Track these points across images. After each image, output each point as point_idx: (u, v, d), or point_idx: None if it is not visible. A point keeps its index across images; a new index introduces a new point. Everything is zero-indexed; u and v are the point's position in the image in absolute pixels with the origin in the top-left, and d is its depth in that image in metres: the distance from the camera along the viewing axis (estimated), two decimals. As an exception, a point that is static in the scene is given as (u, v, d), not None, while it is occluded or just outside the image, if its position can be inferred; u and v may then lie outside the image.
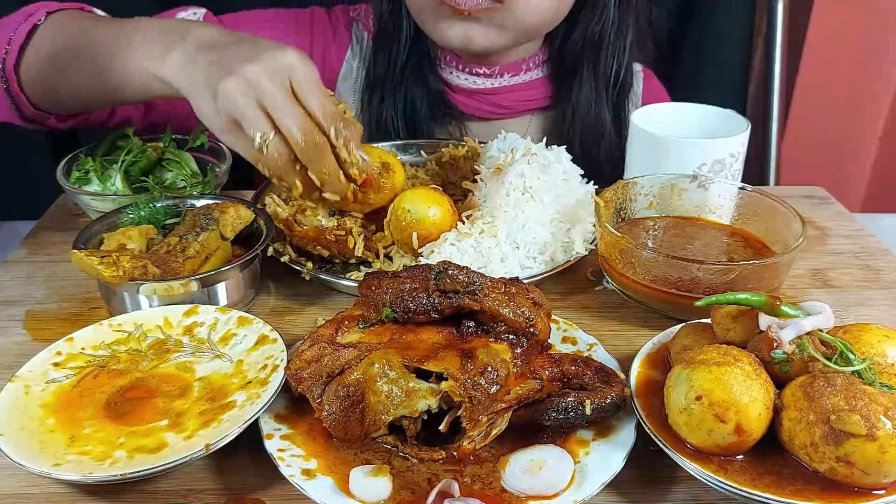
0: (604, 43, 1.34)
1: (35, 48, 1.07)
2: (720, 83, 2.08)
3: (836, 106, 2.22)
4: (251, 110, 0.86)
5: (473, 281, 0.77)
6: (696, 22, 2.03)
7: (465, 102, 1.38)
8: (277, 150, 0.88)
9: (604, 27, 1.33)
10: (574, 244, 1.04)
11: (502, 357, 0.74)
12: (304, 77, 0.88)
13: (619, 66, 1.38)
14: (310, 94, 0.89)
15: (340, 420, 0.72)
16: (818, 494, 0.64)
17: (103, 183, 1.13)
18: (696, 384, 0.67)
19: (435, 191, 1.03)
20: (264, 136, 0.87)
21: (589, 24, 1.33)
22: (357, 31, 1.41)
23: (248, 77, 0.86)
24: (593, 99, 1.37)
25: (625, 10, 1.34)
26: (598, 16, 1.32)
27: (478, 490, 0.70)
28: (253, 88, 0.86)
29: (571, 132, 1.38)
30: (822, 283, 1.07)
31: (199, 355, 0.84)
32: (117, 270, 0.88)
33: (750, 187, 1.06)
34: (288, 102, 0.87)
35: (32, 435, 0.72)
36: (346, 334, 0.79)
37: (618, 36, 1.35)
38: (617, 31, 1.35)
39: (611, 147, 1.39)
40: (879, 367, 0.71)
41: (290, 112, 0.87)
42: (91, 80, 1.04)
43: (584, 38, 1.34)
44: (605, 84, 1.38)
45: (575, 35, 1.34)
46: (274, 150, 0.88)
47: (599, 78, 1.37)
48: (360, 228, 1.03)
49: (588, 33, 1.33)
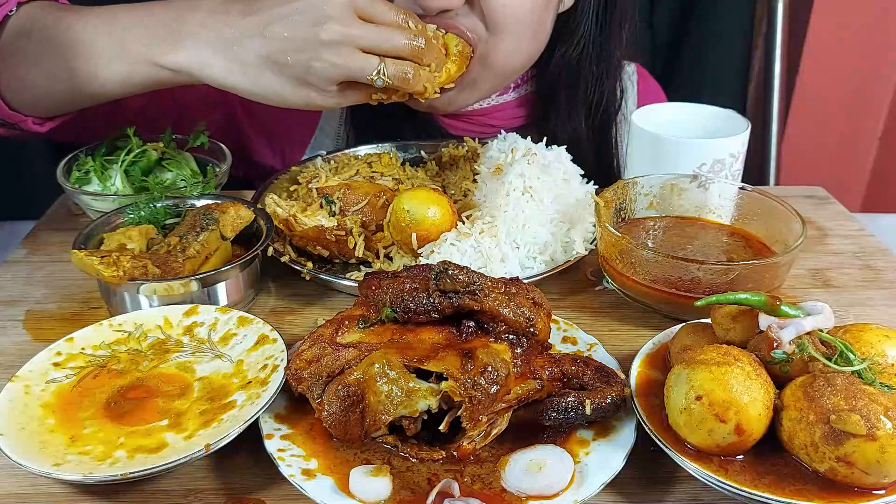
0: (582, 71, 1.30)
1: (9, 42, 1.02)
2: (720, 83, 2.08)
3: (836, 106, 2.22)
4: (355, 62, 0.92)
5: (473, 281, 0.77)
6: (696, 22, 2.03)
7: (453, 125, 1.37)
8: (397, 66, 0.95)
9: (582, 54, 1.28)
10: (574, 244, 1.04)
11: (502, 357, 0.74)
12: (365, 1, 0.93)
13: (603, 92, 1.34)
14: (381, 10, 0.94)
15: (340, 420, 0.72)
16: (818, 494, 0.64)
17: (103, 183, 1.13)
18: (696, 384, 0.67)
19: (434, 191, 1.03)
20: (377, 70, 0.94)
21: (565, 53, 1.29)
22: None
23: (330, 39, 0.90)
24: (569, 124, 1.34)
25: (606, 38, 1.29)
26: (574, 45, 1.28)
27: (478, 490, 0.70)
28: (341, 44, 0.91)
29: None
30: (822, 283, 1.07)
31: (199, 355, 0.84)
32: (117, 270, 0.88)
33: (750, 187, 1.06)
34: (374, 30, 0.93)
35: (33, 435, 0.72)
36: (346, 334, 0.79)
37: (597, 62, 1.30)
38: (597, 58, 1.30)
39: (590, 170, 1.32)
40: (879, 367, 0.71)
41: (382, 35, 0.93)
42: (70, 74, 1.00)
43: (559, 65, 1.30)
44: (587, 109, 1.34)
45: (553, 62, 1.30)
46: (395, 68, 0.95)
47: (577, 104, 1.33)
48: (360, 228, 1.03)
49: (563, 61, 1.29)
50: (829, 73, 2.16)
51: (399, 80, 0.96)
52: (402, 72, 0.96)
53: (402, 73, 0.96)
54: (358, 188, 1.06)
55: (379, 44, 0.93)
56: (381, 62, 0.94)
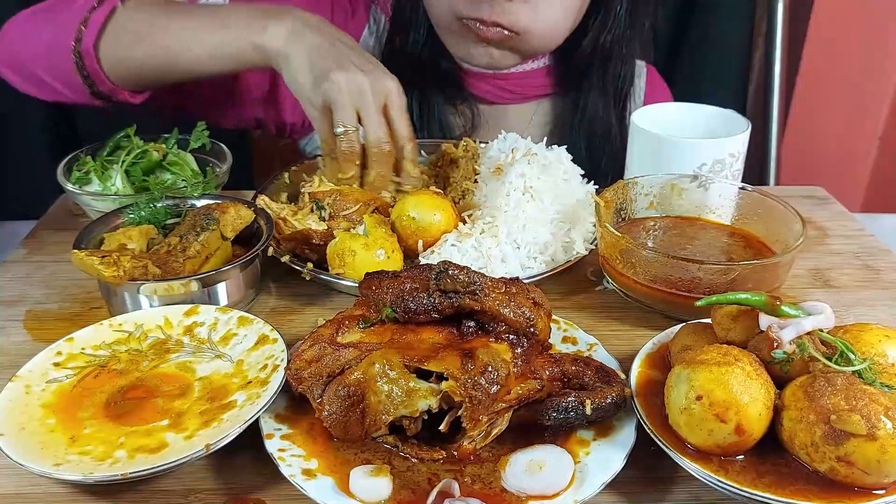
0: (614, 52, 1.39)
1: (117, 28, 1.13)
2: (720, 83, 2.08)
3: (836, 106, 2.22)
4: (348, 107, 1.05)
5: (474, 281, 0.77)
6: (696, 22, 2.03)
7: (476, 85, 1.42)
8: (355, 143, 1.07)
9: (615, 37, 1.37)
10: (574, 244, 1.04)
11: (502, 357, 0.74)
12: (399, 104, 1.08)
13: (627, 73, 1.43)
14: (399, 118, 1.08)
15: (340, 420, 0.72)
16: (818, 494, 0.64)
17: (104, 183, 1.13)
18: (696, 384, 0.67)
19: (437, 195, 1.04)
20: (347, 128, 1.05)
21: (600, 34, 1.37)
22: (375, 12, 1.46)
23: (358, 82, 1.04)
24: (601, 105, 1.42)
25: (635, 19, 1.38)
26: (609, 26, 1.36)
27: (478, 490, 0.70)
28: (358, 92, 1.04)
29: (578, 133, 1.42)
30: (822, 283, 1.07)
31: (199, 355, 0.84)
32: (118, 270, 0.88)
33: (750, 187, 1.06)
34: (379, 117, 1.06)
35: (33, 435, 0.72)
36: (347, 334, 0.79)
37: (627, 46, 1.40)
38: (627, 42, 1.39)
39: (615, 148, 1.42)
40: (879, 367, 0.71)
41: (378, 122, 1.06)
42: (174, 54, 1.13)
43: (594, 47, 1.38)
44: (613, 90, 1.43)
45: (585, 43, 1.38)
46: (351, 141, 1.06)
47: (608, 85, 1.42)
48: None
49: (599, 43, 1.38)
50: (829, 73, 2.16)
51: (342, 152, 1.07)
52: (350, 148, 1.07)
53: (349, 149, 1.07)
54: (349, 195, 1.06)
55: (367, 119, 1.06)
56: (355, 128, 1.06)
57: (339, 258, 0.96)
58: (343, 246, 0.96)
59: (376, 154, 1.07)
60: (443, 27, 1.35)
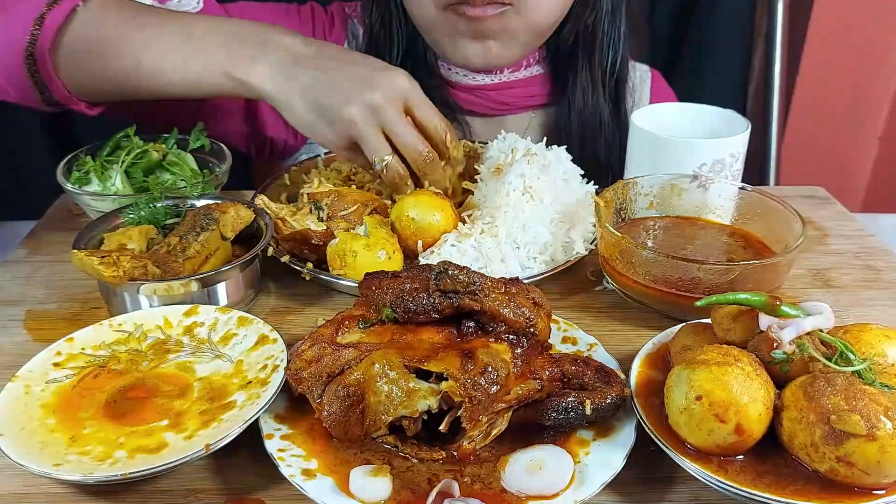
0: (598, 34, 1.35)
1: (77, 33, 1.04)
2: (720, 83, 2.08)
3: (836, 106, 2.22)
4: (373, 136, 0.99)
5: (473, 281, 0.77)
6: (696, 22, 2.03)
7: (465, 99, 1.39)
8: (398, 169, 1.02)
9: (597, 18, 1.34)
10: (574, 244, 1.04)
11: (502, 357, 0.74)
12: (420, 99, 1.01)
13: (615, 56, 1.39)
14: (427, 115, 1.02)
15: (340, 420, 0.72)
16: (818, 494, 0.64)
17: (103, 183, 1.13)
18: (696, 384, 0.67)
19: (436, 195, 1.04)
20: (384, 159, 1.00)
21: (582, 17, 1.34)
22: (352, 27, 1.43)
23: (371, 103, 0.97)
24: (590, 91, 1.38)
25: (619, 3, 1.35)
26: (590, 8, 1.33)
27: (478, 490, 0.70)
28: (375, 114, 0.98)
29: (570, 127, 1.39)
30: (822, 283, 1.07)
31: (199, 355, 0.84)
32: (117, 270, 0.88)
33: (750, 187, 1.06)
34: (407, 127, 1.00)
35: (33, 435, 0.72)
36: (347, 334, 0.79)
37: (611, 26, 1.36)
38: (611, 20, 1.35)
39: (610, 137, 1.39)
40: (879, 367, 0.71)
41: (410, 135, 1.00)
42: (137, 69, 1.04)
43: (577, 30, 1.35)
44: (602, 75, 1.39)
45: (567, 28, 1.35)
46: (394, 169, 1.01)
47: (595, 69, 1.38)
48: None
49: (582, 25, 1.34)
50: (829, 73, 2.16)
51: (389, 181, 1.04)
52: (396, 176, 1.02)
53: (395, 177, 1.02)
54: (346, 195, 1.06)
55: (399, 138, 1.00)
56: (390, 154, 1.00)
57: (340, 259, 0.96)
58: (344, 247, 0.96)
59: (421, 164, 1.03)
60: (431, 27, 1.28)
